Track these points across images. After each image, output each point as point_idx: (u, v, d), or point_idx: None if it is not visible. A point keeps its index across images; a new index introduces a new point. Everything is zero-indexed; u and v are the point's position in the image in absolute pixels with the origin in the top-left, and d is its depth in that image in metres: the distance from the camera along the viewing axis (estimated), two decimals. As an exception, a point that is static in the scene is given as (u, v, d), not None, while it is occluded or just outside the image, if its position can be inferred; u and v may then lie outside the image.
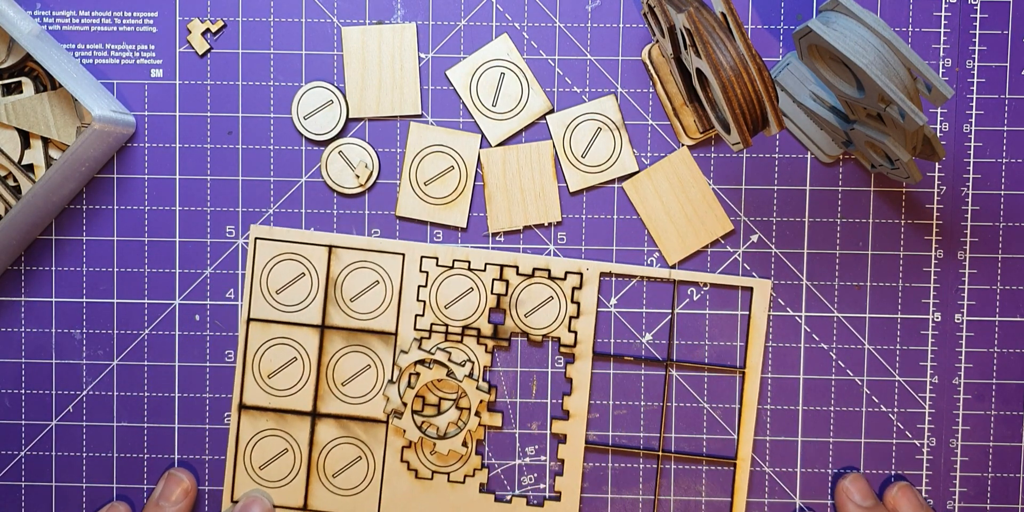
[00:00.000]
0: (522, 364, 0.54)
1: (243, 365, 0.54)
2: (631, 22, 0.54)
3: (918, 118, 0.43)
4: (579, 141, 0.54)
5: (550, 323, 0.54)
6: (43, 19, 0.54)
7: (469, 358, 0.53)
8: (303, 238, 0.53)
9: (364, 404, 0.54)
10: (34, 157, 0.52)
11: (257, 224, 0.54)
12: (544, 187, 0.53)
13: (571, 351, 0.54)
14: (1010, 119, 0.54)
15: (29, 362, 0.55)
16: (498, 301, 0.53)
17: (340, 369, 0.53)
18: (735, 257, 0.54)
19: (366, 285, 0.53)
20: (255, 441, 0.54)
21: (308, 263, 0.52)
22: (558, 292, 0.53)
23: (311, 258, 0.53)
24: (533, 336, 0.54)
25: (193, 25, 0.54)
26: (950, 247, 0.54)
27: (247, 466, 0.54)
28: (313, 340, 0.53)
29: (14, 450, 0.55)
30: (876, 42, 0.43)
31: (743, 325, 0.54)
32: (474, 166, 0.54)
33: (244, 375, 0.54)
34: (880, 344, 0.54)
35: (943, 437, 0.55)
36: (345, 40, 0.54)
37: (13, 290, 0.54)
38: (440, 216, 0.54)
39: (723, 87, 0.43)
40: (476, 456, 0.54)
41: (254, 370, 0.53)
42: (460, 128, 0.54)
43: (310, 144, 0.54)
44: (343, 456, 0.54)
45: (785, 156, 0.54)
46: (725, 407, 0.54)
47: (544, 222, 0.54)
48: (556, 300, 0.53)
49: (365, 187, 0.54)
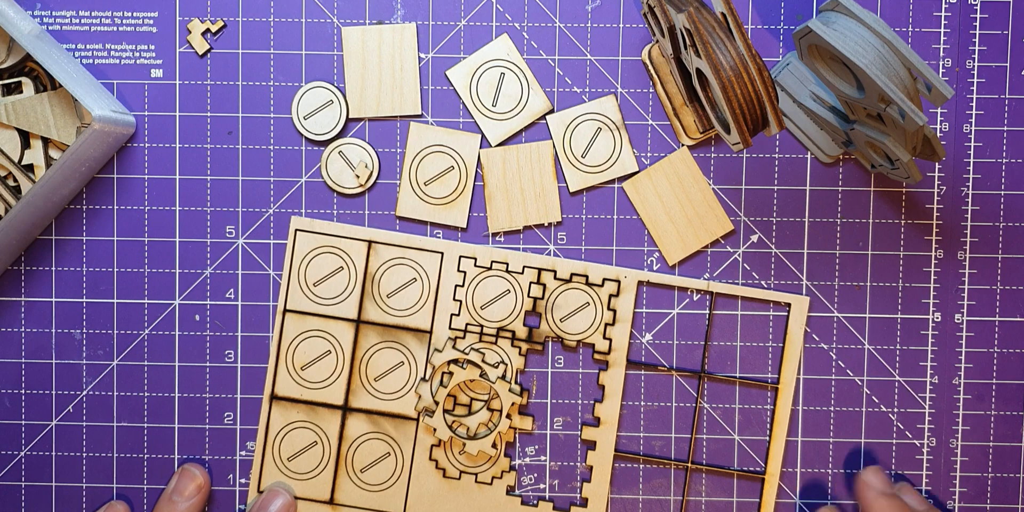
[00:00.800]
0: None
1: (276, 356, 0.54)
2: (631, 22, 0.54)
3: (918, 118, 0.43)
4: (579, 141, 0.54)
5: (585, 329, 0.54)
6: (43, 19, 0.54)
7: (503, 360, 0.53)
8: (343, 232, 0.53)
9: (396, 400, 0.54)
10: (34, 157, 0.52)
11: (299, 216, 0.54)
12: (544, 187, 0.53)
13: (605, 358, 0.54)
14: (1010, 119, 0.54)
15: (29, 362, 0.55)
16: (534, 304, 0.53)
17: (373, 364, 0.53)
18: (735, 257, 0.54)
19: (403, 282, 0.53)
20: (285, 432, 0.54)
21: (347, 257, 0.53)
22: (594, 298, 0.53)
23: (350, 252, 0.53)
24: (567, 341, 0.54)
25: (193, 25, 0.54)
26: (950, 247, 0.54)
27: (275, 457, 0.54)
28: (348, 334, 0.53)
29: (14, 450, 0.55)
30: (876, 42, 0.43)
31: (742, 326, 0.54)
32: (474, 166, 0.54)
33: (277, 366, 0.53)
34: (880, 344, 0.54)
35: (943, 437, 0.55)
36: (345, 40, 0.54)
37: (13, 290, 0.54)
38: (440, 216, 0.54)
39: (723, 87, 0.43)
40: (505, 458, 0.54)
41: (287, 362, 0.53)
42: (460, 128, 0.54)
43: (310, 144, 0.54)
44: (372, 452, 0.54)
45: (785, 156, 0.54)
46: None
47: (544, 222, 0.54)
48: (592, 306, 0.53)
49: (365, 187, 0.54)
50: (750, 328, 0.54)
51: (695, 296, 0.54)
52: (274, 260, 0.54)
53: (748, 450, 0.55)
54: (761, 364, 0.54)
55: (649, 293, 0.54)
